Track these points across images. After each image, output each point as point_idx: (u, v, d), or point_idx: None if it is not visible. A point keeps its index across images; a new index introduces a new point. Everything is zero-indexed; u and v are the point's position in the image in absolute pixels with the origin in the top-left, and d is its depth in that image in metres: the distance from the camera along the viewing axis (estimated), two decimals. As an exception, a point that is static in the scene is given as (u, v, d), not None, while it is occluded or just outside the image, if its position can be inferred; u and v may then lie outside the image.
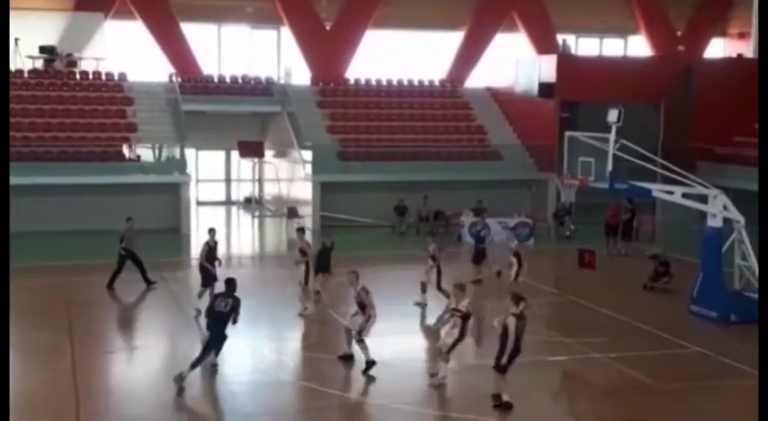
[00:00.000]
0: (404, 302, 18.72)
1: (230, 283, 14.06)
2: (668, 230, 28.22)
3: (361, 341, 14.38)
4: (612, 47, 38.87)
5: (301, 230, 19.49)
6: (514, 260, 20.89)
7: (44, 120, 28.80)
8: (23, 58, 30.82)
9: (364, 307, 14.38)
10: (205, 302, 15.74)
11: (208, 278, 17.91)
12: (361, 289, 14.48)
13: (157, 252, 20.61)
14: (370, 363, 14.22)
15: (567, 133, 20.38)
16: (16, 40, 30.51)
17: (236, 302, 13.83)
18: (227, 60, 34.89)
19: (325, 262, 18.49)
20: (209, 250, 18.20)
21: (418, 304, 18.63)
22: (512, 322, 12.66)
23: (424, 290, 18.64)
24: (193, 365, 13.46)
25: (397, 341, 16.70)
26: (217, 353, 14.01)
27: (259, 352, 15.92)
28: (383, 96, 33.90)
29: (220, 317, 13.72)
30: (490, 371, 13.12)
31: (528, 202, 30.67)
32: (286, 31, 34.87)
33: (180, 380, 13.30)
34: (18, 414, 12.69)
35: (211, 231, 18.61)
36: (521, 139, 32.53)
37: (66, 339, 15.88)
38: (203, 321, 14.74)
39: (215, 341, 13.76)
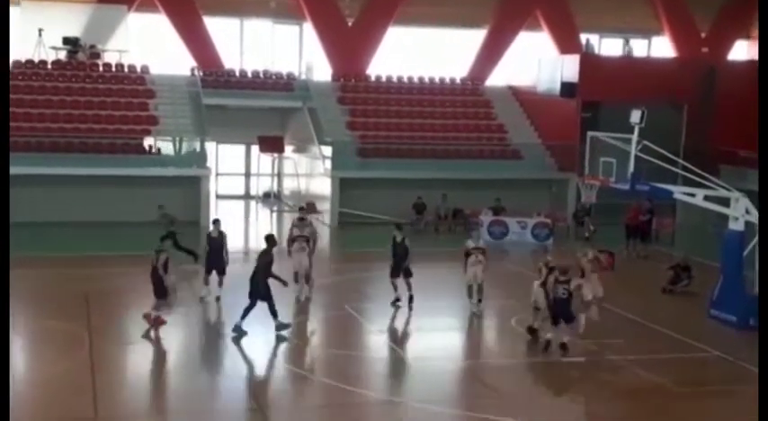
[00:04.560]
0: (420, 300, 18.67)
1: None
2: (688, 233, 28.01)
3: None
4: (636, 47, 38.58)
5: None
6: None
7: (66, 112, 28.94)
8: (47, 48, 30.97)
9: None
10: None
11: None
12: None
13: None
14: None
15: (590, 133, 20.25)
16: (40, 30, 30.68)
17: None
18: (248, 55, 34.94)
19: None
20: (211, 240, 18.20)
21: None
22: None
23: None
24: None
25: (412, 338, 16.70)
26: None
27: (278, 348, 15.93)
28: (404, 93, 33.83)
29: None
30: (511, 372, 14.04)
31: (547, 202, 30.55)
32: (308, 27, 34.86)
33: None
34: (35, 403, 12.77)
35: (216, 222, 18.63)
36: (541, 139, 32.39)
37: (84, 330, 15.95)
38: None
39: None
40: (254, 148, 33.76)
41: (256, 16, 34.69)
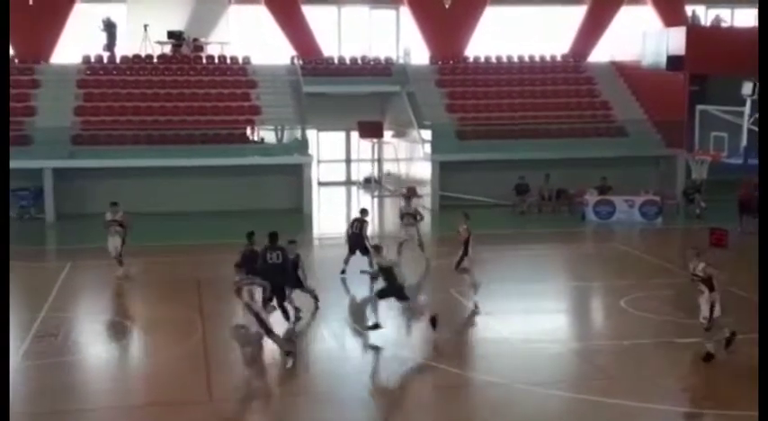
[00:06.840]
0: (525, 281, 18.50)
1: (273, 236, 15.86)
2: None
3: None
4: (744, 17, 37.10)
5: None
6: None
7: (172, 104, 29.74)
8: (152, 43, 31.89)
9: None
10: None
11: None
12: None
13: (281, 231, 20.97)
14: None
15: (699, 107, 19.69)
16: (145, 26, 31.60)
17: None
18: (346, 41, 35.15)
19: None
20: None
21: None
22: None
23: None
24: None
25: (518, 320, 16.55)
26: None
27: (384, 331, 16.01)
28: (503, 73, 33.46)
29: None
30: (620, 353, 13.65)
31: (655, 180, 29.76)
32: (405, 11, 34.80)
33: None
34: (152, 388, 13.22)
35: (250, 236, 16.73)
36: (647, 115, 31.56)
37: (197, 315, 16.40)
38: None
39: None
40: (354, 134, 34.01)
41: (353, 3, 34.85)
